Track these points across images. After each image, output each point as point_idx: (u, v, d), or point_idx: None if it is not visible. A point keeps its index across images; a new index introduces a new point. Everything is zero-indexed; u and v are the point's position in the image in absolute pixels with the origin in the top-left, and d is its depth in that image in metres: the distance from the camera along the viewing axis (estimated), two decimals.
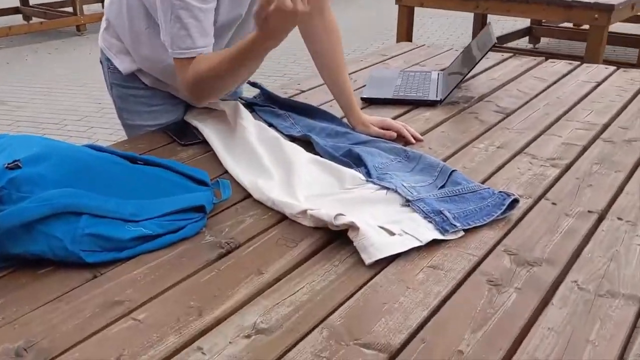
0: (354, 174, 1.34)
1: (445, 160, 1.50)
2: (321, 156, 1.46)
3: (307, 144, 1.53)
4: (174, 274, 1.06)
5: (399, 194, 1.25)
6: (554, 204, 1.30)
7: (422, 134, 1.66)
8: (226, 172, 1.43)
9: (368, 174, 1.36)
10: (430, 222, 1.18)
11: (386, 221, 1.18)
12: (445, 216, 1.18)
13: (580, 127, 1.72)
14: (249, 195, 1.32)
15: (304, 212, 1.20)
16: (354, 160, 1.43)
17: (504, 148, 1.58)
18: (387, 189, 1.27)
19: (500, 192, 1.27)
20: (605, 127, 1.74)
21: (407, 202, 1.23)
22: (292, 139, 1.58)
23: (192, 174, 1.30)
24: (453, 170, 1.33)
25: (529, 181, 1.40)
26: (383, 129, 1.62)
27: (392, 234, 1.14)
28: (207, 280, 1.04)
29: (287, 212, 1.22)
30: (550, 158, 1.52)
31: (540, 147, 1.59)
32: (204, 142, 1.56)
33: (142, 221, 1.13)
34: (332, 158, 1.45)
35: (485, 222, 1.21)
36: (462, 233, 1.17)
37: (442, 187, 1.30)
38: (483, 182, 1.39)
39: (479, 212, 1.22)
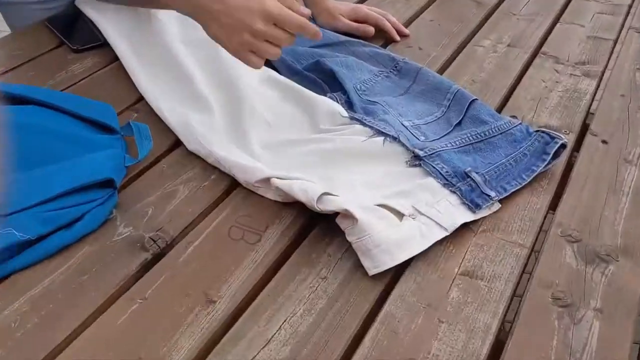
0: (331, 107, 0.93)
1: (444, 68, 1.11)
2: (277, 71, 1.04)
3: None
4: (70, 313, 0.66)
5: (402, 143, 0.86)
6: (604, 142, 0.95)
7: (406, 24, 1.24)
8: (142, 98, 0.98)
9: (349, 104, 0.95)
10: (454, 192, 0.80)
11: (389, 193, 0.80)
12: (474, 181, 0.81)
13: (602, 10, 1.34)
14: (179, 142, 0.90)
15: (267, 180, 0.80)
16: (325, 78, 1.02)
17: (516, 46, 1.19)
18: (384, 135, 0.87)
19: (537, 131, 0.89)
20: (630, 7, 1.36)
21: (417, 160, 0.84)
22: None
23: (91, 115, 0.86)
24: (473, 100, 0.93)
25: (562, 102, 1.03)
26: (356, 21, 1.18)
27: (400, 215, 0.77)
28: (125, 324, 0.66)
29: (241, 177, 0.82)
30: (579, 62, 1.14)
31: (560, 43, 1.21)
32: (107, 45, 1.09)
33: (15, 215, 0.71)
34: (293, 74, 1.03)
35: (525, 183, 0.84)
36: (498, 206, 0.81)
37: (459, 124, 0.92)
38: (501, 108, 1.01)
39: (515, 166, 0.85)
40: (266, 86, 0.98)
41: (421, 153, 0.84)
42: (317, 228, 0.78)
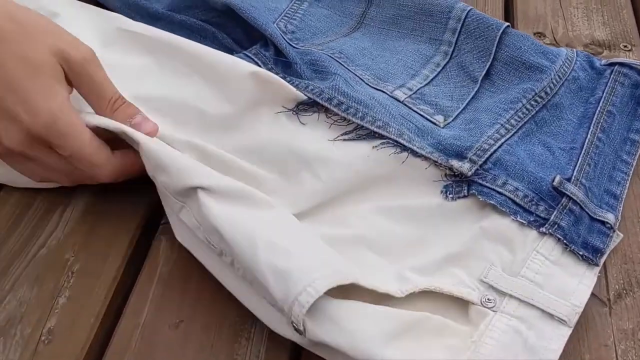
0: None
1: None
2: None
3: None
4: None
5: (425, 157, 0.45)
6: None
7: None
8: None
9: (283, 65, 0.51)
10: (548, 233, 0.42)
11: (429, 261, 0.41)
12: (575, 201, 0.42)
13: None
14: None
15: None
16: (214, 19, 0.57)
17: None
18: (380, 137, 0.45)
19: (610, 64, 0.52)
20: None
21: (463, 183, 0.44)
22: None
23: None
24: (506, 27, 0.52)
25: None
26: None
27: (464, 305, 0.39)
28: None
29: None
30: None
31: None
32: None
33: None
34: (154, 19, 0.57)
35: (632, 170, 0.48)
36: (620, 236, 0.44)
37: (487, 75, 0.51)
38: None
39: (605, 141, 0.48)
40: (129, 53, 0.51)
41: (466, 167, 0.43)
42: None
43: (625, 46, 0.60)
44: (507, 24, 0.52)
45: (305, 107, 0.47)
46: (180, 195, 0.40)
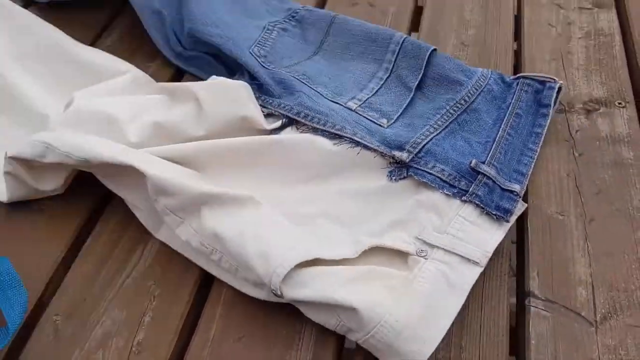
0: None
1: (414, 30, 0.79)
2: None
3: None
4: None
5: (374, 150, 0.59)
6: None
7: None
8: None
9: (257, 87, 0.66)
10: (468, 201, 0.56)
11: (378, 227, 0.56)
12: (488, 177, 0.57)
13: None
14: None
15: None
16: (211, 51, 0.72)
17: None
18: (337, 137, 0.60)
19: (517, 78, 0.67)
20: None
21: (402, 168, 0.58)
22: None
23: None
24: (432, 50, 0.68)
25: (591, 55, 0.75)
26: None
27: (403, 257, 0.53)
28: None
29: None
30: None
31: None
32: None
33: None
34: (178, 58, 0.74)
35: (537, 155, 0.62)
36: (524, 205, 0.58)
37: (419, 87, 0.67)
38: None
39: (514, 135, 0.62)
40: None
41: (405, 156, 0.58)
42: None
43: (619, 103, 0.68)
44: (435, 47, 0.67)
45: (277, 131, 0.61)
46: (182, 212, 0.53)
